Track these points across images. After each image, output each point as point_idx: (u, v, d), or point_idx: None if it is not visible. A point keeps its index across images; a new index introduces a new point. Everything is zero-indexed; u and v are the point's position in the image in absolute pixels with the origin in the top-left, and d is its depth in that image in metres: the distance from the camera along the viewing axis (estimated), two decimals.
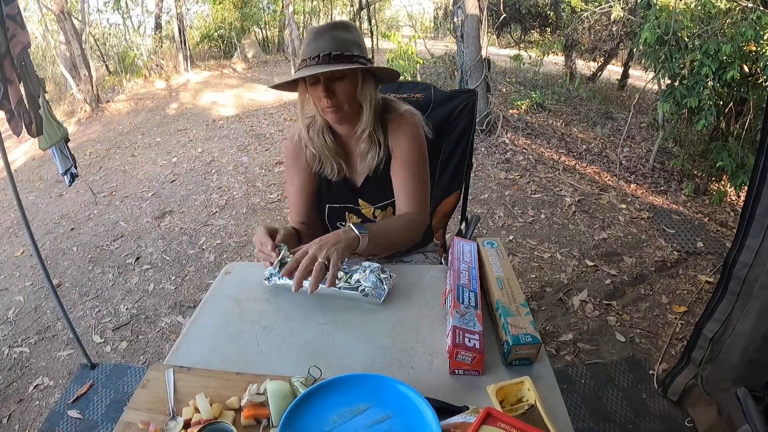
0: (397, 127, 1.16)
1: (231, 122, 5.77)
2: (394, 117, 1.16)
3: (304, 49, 1.05)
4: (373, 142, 1.15)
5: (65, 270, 2.81)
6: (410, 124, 1.16)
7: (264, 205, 3.46)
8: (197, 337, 0.91)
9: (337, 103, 1.06)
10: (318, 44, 1.02)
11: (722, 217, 3.01)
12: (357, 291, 0.95)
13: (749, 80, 2.94)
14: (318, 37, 1.03)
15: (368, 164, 1.17)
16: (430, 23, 14.83)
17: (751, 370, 1.41)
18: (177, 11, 8.93)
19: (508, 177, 3.66)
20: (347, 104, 1.07)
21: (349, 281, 0.96)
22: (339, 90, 1.05)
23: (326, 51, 1.01)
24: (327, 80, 1.04)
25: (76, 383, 1.93)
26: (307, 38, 1.06)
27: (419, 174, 1.18)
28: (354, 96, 1.08)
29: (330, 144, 1.16)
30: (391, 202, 1.22)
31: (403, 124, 1.16)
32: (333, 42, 1.02)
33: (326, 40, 1.02)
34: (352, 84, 1.06)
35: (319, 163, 1.19)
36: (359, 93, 1.08)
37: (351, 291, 0.95)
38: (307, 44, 1.04)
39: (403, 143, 1.15)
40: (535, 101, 5.30)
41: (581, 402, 1.70)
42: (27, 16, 7.32)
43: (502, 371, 0.78)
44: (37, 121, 1.86)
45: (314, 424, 0.67)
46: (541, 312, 2.20)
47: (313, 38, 1.04)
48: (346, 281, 0.96)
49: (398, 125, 1.16)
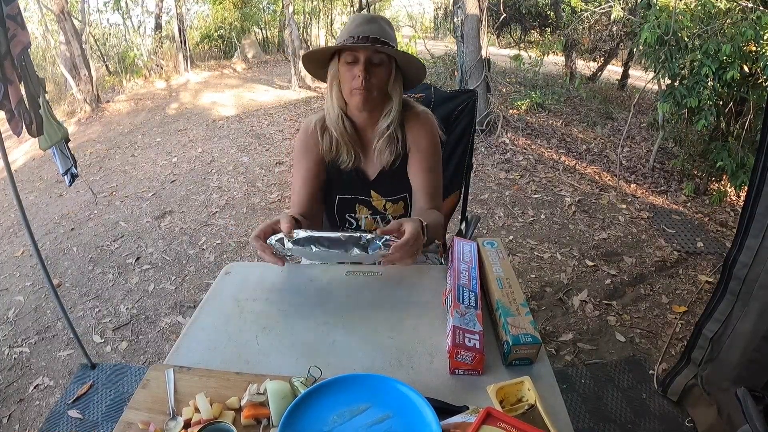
0: (415, 125, 1.18)
1: (231, 122, 5.77)
2: (412, 115, 1.18)
3: (353, 29, 1.08)
4: (392, 138, 1.17)
5: (65, 270, 2.81)
6: (429, 124, 1.19)
7: (264, 205, 3.46)
8: (197, 337, 0.91)
9: (370, 86, 1.07)
10: (369, 27, 1.07)
11: (722, 217, 3.01)
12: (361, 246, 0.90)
13: (749, 80, 2.94)
14: (369, 22, 1.08)
15: (385, 159, 1.18)
16: (430, 23, 14.85)
17: (751, 370, 1.41)
18: (177, 11, 8.94)
19: (508, 177, 3.66)
20: (377, 90, 1.10)
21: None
22: (375, 74, 1.08)
23: (376, 35, 1.06)
24: (367, 61, 1.06)
25: (76, 383, 1.93)
26: (355, 21, 1.10)
27: (437, 173, 1.21)
28: (384, 85, 1.11)
29: (350, 131, 1.17)
30: (402, 196, 1.24)
31: (423, 124, 1.18)
32: (382, 31, 1.08)
33: (378, 26, 1.08)
34: (386, 73, 1.10)
35: (335, 150, 1.19)
36: (391, 84, 1.12)
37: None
38: (356, 26, 1.08)
39: (422, 142, 1.18)
40: (535, 101, 5.30)
41: (581, 402, 1.70)
42: (27, 16, 7.32)
43: (502, 371, 0.79)
44: (38, 121, 1.86)
45: (314, 424, 0.67)
46: (541, 312, 2.20)
47: (364, 22, 1.08)
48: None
49: (417, 124, 1.18)
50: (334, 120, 1.16)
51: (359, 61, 1.06)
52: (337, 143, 1.18)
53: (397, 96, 1.14)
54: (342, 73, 1.11)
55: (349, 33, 1.08)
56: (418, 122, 1.18)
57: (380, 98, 1.12)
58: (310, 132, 1.20)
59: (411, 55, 1.14)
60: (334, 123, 1.16)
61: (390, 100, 1.14)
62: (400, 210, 1.26)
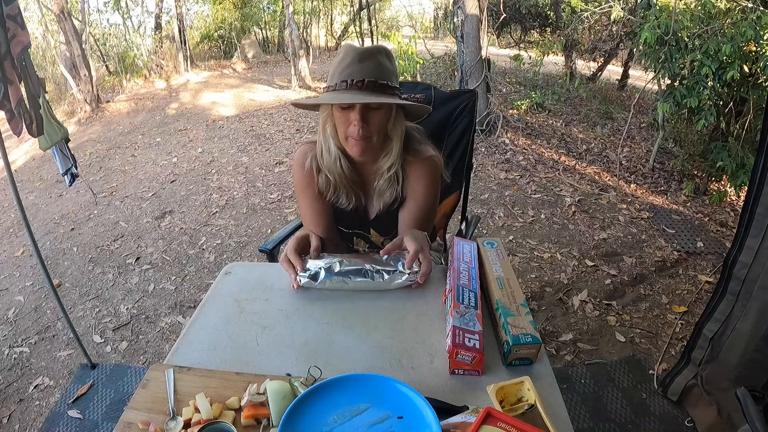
0: (417, 172, 1.11)
1: (231, 122, 5.77)
2: (416, 161, 1.10)
3: (344, 69, 0.98)
4: (393, 179, 1.10)
5: (65, 270, 2.81)
6: (432, 173, 1.12)
7: (264, 205, 3.46)
8: (197, 337, 0.91)
9: (368, 133, 1.00)
10: (363, 67, 0.97)
11: (722, 217, 3.01)
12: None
13: (749, 80, 2.94)
14: (363, 60, 0.97)
15: (384, 201, 1.13)
16: (430, 23, 14.84)
17: (751, 370, 1.41)
18: (177, 11, 8.94)
19: (508, 177, 3.66)
20: (376, 136, 1.03)
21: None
22: (373, 120, 1.00)
23: (372, 77, 0.96)
24: (363, 108, 0.98)
25: (76, 383, 1.93)
26: (348, 57, 0.98)
27: (430, 215, 1.17)
28: (384, 128, 1.04)
29: (347, 173, 1.10)
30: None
31: (426, 173, 1.11)
32: (378, 70, 0.98)
33: (372, 65, 0.97)
34: (386, 116, 1.02)
35: (334, 192, 1.13)
36: (390, 126, 1.04)
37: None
38: (348, 64, 0.97)
39: (421, 189, 1.12)
40: (535, 101, 5.30)
41: (581, 402, 1.70)
42: (27, 17, 7.31)
43: (502, 371, 0.79)
44: (38, 121, 1.86)
45: (314, 424, 0.67)
46: (541, 312, 2.20)
47: (357, 59, 0.97)
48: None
49: (420, 170, 1.11)
50: (331, 162, 1.08)
51: (355, 107, 0.98)
52: (335, 186, 1.12)
53: (398, 137, 1.05)
54: (336, 118, 1.02)
55: (341, 75, 0.97)
56: (421, 168, 1.10)
57: (380, 141, 1.05)
58: (307, 170, 1.13)
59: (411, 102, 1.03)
60: (330, 165, 1.09)
61: (390, 140, 1.06)
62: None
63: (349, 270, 0.96)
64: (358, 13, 11.23)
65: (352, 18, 11.89)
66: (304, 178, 1.14)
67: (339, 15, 12.99)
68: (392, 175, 1.09)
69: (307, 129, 5.21)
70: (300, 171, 1.15)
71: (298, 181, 1.16)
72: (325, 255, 1.01)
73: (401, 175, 1.11)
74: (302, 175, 1.14)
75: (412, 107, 1.06)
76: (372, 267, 0.96)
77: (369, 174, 1.14)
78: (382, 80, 0.98)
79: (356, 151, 1.03)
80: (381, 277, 0.96)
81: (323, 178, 1.12)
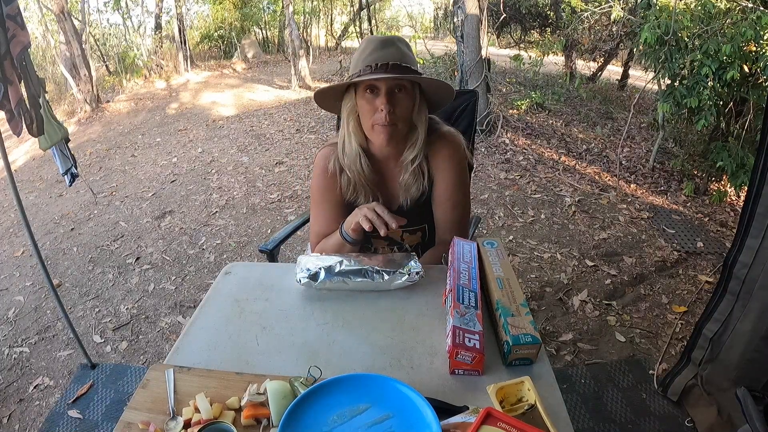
0: (441, 150, 1.10)
1: (231, 122, 5.77)
2: (435, 138, 1.09)
3: (368, 56, 0.99)
4: (419, 173, 1.09)
5: (65, 270, 2.81)
6: (453, 148, 1.10)
7: (264, 205, 3.46)
8: (197, 337, 0.91)
9: (395, 119, 1.00)
10: (387, 52, 0.99)
11: (722, 217, 3.01)
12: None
13: (749, 80, 2.94)
14: (386, 46, 1.00)
15: (411, 195, 1.11)
16: (430, 23, 14.84)
17: (751, 370, 1.41)
18: (177, 11, 8.94)
19: (508, 177, 3.66)
20: (402, 121, 1.02)
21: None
22: (399, 104, 1.00)
23: (396, 60, 0.98)
24: (390, 91, 0.99)
25: (76, 383, 1.93)
26: (371, 45, 1.01)
27: (463, 204, 1.14)
28: (410, 114, 1.03)
29: (367, 173, 1.09)
30: (421, 227, 1.18)
31: (446, 147, 1.10)
32: (402, 54, 1.00)
33: (396, 50, 1.00)
34: (411, 101, 1.02)
35: (353, 192, 1.12)
36: (416, 112, 1.04)
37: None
38: (372, 51, 1.00)
39: (446, 168, 1.10)
40: (535, 101, 5.30)
41: (581, 402, 1.70)
42: (27, 16, 7.32)
43: (502, 371, 0.79)
44: (38, 121, 1.86)
45: (314, 424, 0.67)
46: (541, 312, 2.20)
47: (380, 46, 1.00)
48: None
49: (443, 149, 1.10)
50: (352, 159, 1.08)
51: (381, 92, 0.98)
52: (354, 186, 1.11)
53: (423, 125, 1.05)
54: (361, 107, 1.02)
55: (365, 61, 0.99)
56: (444, 147, 1.09)
57: (405, 129, 1.05)
58: (330, 174, 1.11)
59: (438, 80, 1.05)
60: (351, 163, 1.08)
61: (415, 129, 1.06)
62: (417, 240, 1.21)
63: (349, 270, 0.97)
64: (358, 13, 11.24)
65: (352, 18, 11.90)
66: (327, 182, 1.12)
67: (339, 15, 12.99)
68: (417, 167, 1.08)
69: (307, 129, 5.21)
70: (322, 175, 1.13)
71: (319, 186, 1.14)
72: (326, 255, 1.02)
73: (426, 167, 1.10)
74: (324, 179, 1.13)
75: (439, 88, 1.06)
76: (372, 267, 0.97)
77: (391, 170, 1.13)
78: (405, 63, 1.00)
79: (383, 138, 1.02)
80: (381, 277, 0.96)
81: (345, 178, 1.11)
